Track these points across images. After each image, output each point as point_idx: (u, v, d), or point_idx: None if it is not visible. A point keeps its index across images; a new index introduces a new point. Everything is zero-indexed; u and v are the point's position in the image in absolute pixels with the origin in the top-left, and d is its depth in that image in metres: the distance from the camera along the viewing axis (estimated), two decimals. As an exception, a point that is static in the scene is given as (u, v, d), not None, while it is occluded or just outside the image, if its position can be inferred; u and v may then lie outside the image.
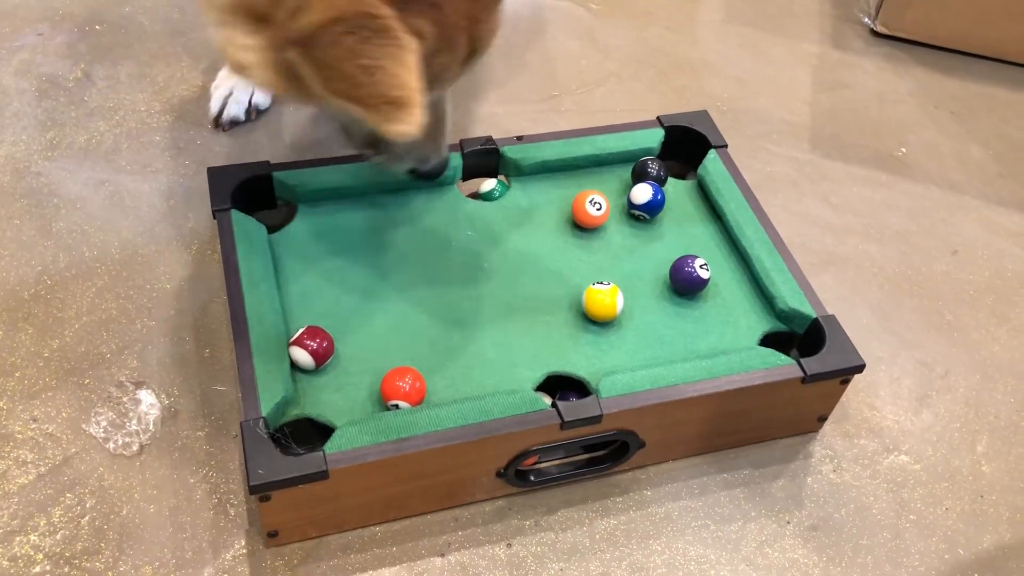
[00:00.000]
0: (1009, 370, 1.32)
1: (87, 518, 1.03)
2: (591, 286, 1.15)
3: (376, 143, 1.10)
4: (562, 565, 1.05)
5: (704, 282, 1.18)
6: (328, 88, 0.82)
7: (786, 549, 1.10)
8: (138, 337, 1.19)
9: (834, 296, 1.38)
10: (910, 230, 1.50)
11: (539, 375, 1.10)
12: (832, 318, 1.15)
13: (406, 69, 0.80)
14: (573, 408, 1.02)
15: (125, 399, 1.13)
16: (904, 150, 1.64)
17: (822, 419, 1.20)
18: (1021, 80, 1.81)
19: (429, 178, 1.19)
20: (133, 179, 1.38)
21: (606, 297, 1.13)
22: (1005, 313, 1.40)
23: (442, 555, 1.05)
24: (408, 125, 0.80)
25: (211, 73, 1.56)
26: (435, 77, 0.93)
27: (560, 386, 1.11)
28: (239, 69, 0.89)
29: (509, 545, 1.06)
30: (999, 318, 1.39)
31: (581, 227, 1.27)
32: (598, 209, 1.24)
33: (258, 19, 0.84)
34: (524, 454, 1.04)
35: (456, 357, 1.11)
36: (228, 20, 0.86)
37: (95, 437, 1.10)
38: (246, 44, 0.86)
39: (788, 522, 1.12)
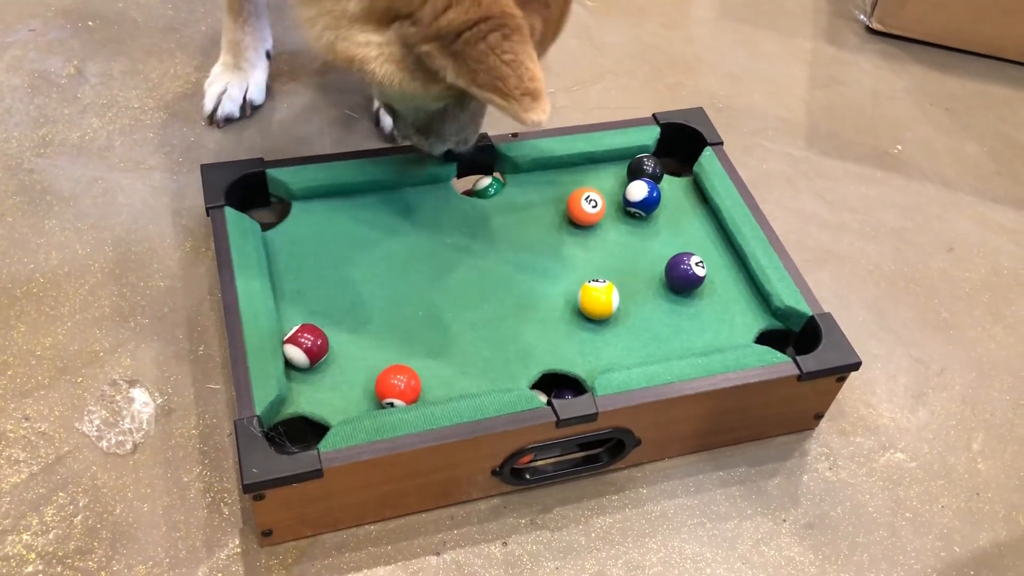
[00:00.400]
0: (1005, 367, 1.32)
1: (80, 517, 1.02)
2: (587, 284, 1.14)
3: (427, 128, 1.16)
4: (558, 564, 1.05)
5: (700, 279, 1.18)
6: (474, 80, 0.90)
7: (782, 547, 1.09)
8: (131, 335, 1.19)
9: (830, 293, 1.37)
10: (905, 227, 1.50)
11: (534, 373, 1.09)
12: (828, 316, 1.15)
13: (534, 62, 0.90)
14: (569, 406, 1.02)
15: (118, 397, 1.13)
16: (900, 147, 1.64)
17: (818, 417, 1.20)
18: (1017, 77, 1.81)
19: (458, 157, 1.25)
20: (126, 176, 1.38)
21: (602, 295, 1.13)
22: (1001, 310, 1.40)
23: (437, 554, 1.04)
24: (542, 114, 0.89)
25: (204, 70, 1.55)
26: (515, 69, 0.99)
27: (556, 384, 1.11)
28: (349, 62, 0.98)
29: (505, 544, 1.06)
30: (995, 315, 1.39)
31: (577, 224, 1.26)
32: (594, 207, 1.24)
33: (390, 19, 0.94)
34: (519, 452, 1.03)
35: (451, 355, 1.10)
36: (348, 23, 0.96)
37: (88, 436, 1.09)
38: (368, 41, 0.96)
39: (784, 520, 1.12)
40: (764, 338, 1.17)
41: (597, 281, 1.14)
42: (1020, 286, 1.44)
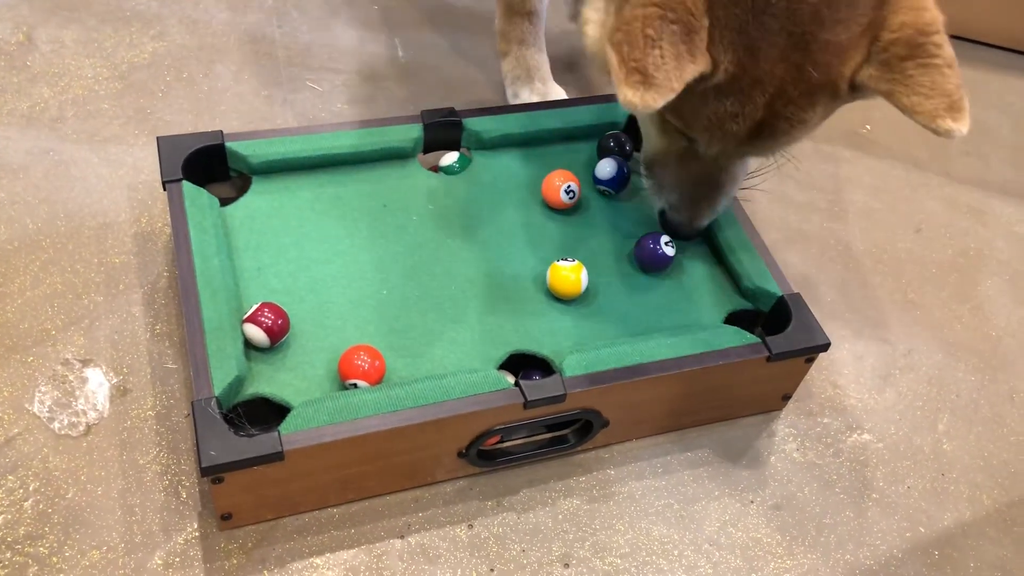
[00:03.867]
0: (970, 349, 1.33)
1: (30, 501, 0.99)
2: (555, 263, 1.12)
3: (651, 166, 1.11)
4: (524, 546, 1.03)
5: (669, 259, 1.16)
6: (610, 36, 0.85)
7: (749, 528, 1.09)
8: (85, 313, 1.15)
9: (798, 273, 1.37)
10: (874, 207, 1.50)
11: (502, 353, 1.07)
12: (797, 296, 1.14)
13: (678, 65, 0.83)
14: (536, 387, 1.00)
15: (71, 377, 1.09)
16: (868, 127, 1.64)
17: (786, 398, 1.19)
18: (983, 59, 1.81)
19: (677, 234, 1.16)
20: (79, 148, 1.33)
21: (571, 274, 1.11)
22: (967, 292, 1.41)
23: (402, 537, 1.02)
24: (640, 100, 0.82)
25: (161, 39, 1.50)
26: (716, 121, 0.94)
27: (523, 365, 1.09)
28: (583, 22, 0.98)
29: (470, 526, 1.04)
30: (961, 297, 1.40)
31: (548, 207, 1.24)
32: (571, 198, 1.22)
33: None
34: (486, 434, 1.01)
35: (416, 335, 1.08)
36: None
37: (39, 417, 1.05)
38: (598, 6, 0.95)
39: (751, 501, 1.11)
40: (733, 318, 1.16)
41: (566, 260, 1.12)
42: (986, 267, 1.45)
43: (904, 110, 0.88)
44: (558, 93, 1.48)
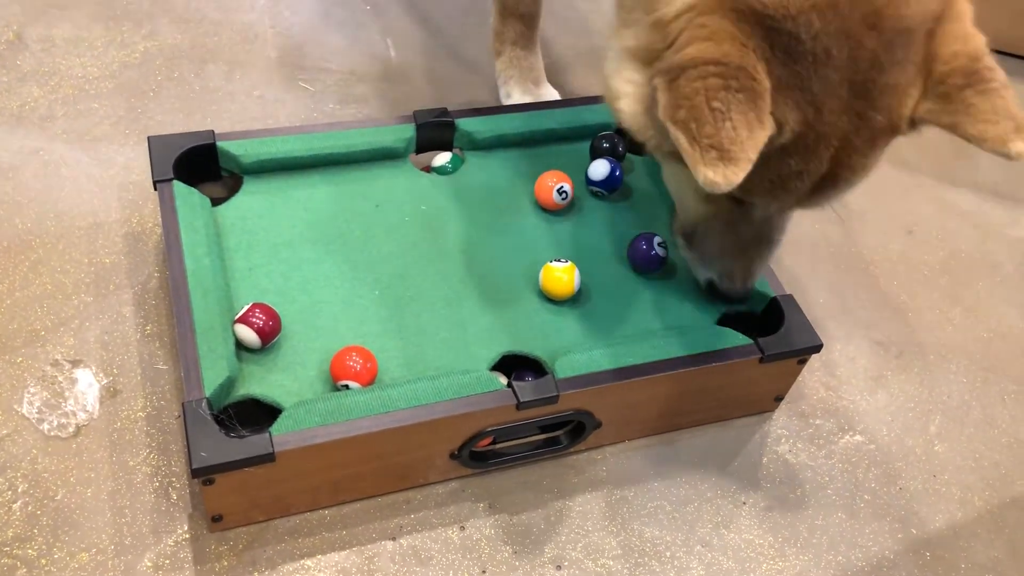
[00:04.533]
0: (962, 350, 1.33)
1: (19, 503, 0.98)
2: (548, 264, 1.12)
3: (692, 235, 1.08)
4: (516, 548, 1.03)
5: (662, 260, 1.16)
6: (672, 115, 0.82)
7: (742, 530, 1.09)
8: (75, 313, 1.14)
9: (790, 275, 1.37)
10: (866, 209, 1.50)
11: (495, 354, 1.07)
12: (790, 297, 1.14)
13: (750, 135, 0.80)
14: (529, 388, 1.00)
15: (61, 378, 1.08)
16: (861, 129, 1.64)
17: (778, 399, 1.19)
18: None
19: (727, 299, 1.13)
20: (70, 148, 1.32)
21: (563, 275, 1.11)
22: (958, 294, 1.41)
23: (393, 538, 1.02)
24: (723, 178, 0.78)
25: (152, 38, 1.49)
26: (779, 181, 0.90)
27: (516, 366, 1.09)
28: (613, 97, 0.95)
29: (462, 528, 1.04)
30: (952, 298, 1.40)
31: (541, 207, 1.24)
32: (564, 199, 1.22)
33: (649, 60, 0.89)
34: (478, 435, 1.01)
35: (409, 336, 1.07)
36: (624, 57, 0.93)
37: (28, 418, 1.04)
38: (631, 79, 0.92)
39: (744, 503, 1.11)
40: (726, 319, 1.16)
41: (559, 261, 1.12)
42: (978, 269, 1.45)
43: (972, 140, 0.86)
44: (551, 95, 1.47)
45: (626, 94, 0.93)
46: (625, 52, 0.93)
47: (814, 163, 0.89)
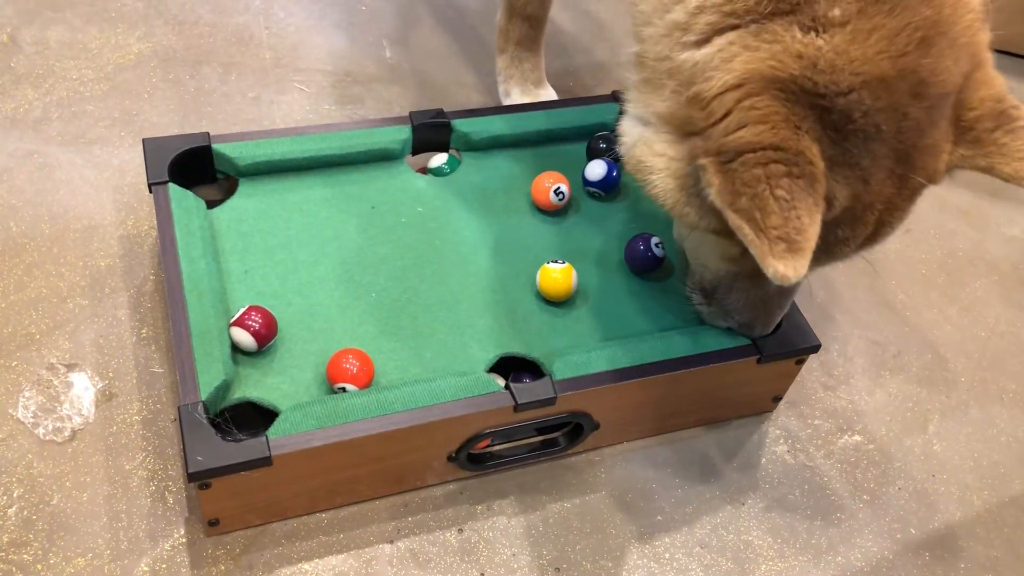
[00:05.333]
0: (960, 349, 1.33)
1: (14, 508, 0.98)
2: (545, 265, 1.12)
3: (712, 291, 1.06)
4: (515, 550, 1.03)
5: (659, 261, 1.16)
6: (731, 202, 0.80)
7: (741, 531, 1.08)
8: (70, 317, 1.13)
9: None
10: (863, 209, 1.50)
11: (492, 356, 1.07)
12: (788, 297, 1.13)
13: (812, 222, 0.79)
14: (527, 390, 0.99)
15: (56, 382, 1.08)
16: (857, 128, 1.64)
17: (777, 399, 1.19)
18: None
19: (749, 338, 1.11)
20: (64, 150, 1.32)
21: (561, 276, 1.10)
22: (956, 293, 1.41)
23: (391, 541, 1.01)
24: (793, 271, 0.77)
25: (146, 40, 1.49)
26: (825, 249, 0.89)
27: (513, 367, 1.08)
28: (638, 167, 0.91)
29: (460, 530, 1.03)
30: (950, 297, 1.40)
31: (538, 208, 1.23)
32: (561, 199, 1.21)
33: (687, 132, 0.86)
34: (476, 437, 1.01)
35: (405, 338, 1.07)
36: (653, 125, 0.90)
37: (23, 422, 1.04)
38: (664, 152, 0.89)
39: (743, 503, 1.11)
40: (724, 320, 1.16)
41: (556, 262, 1.11)
42: (975, 268, 1.45)
43: (1009, 179, 0.87)
44: (550, 97, 1.47)
45: (659, 169, 0.90)
46: (655, 119, 0.90)
47: (860, 229, 0.89)
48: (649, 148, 0.90)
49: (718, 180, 0.81)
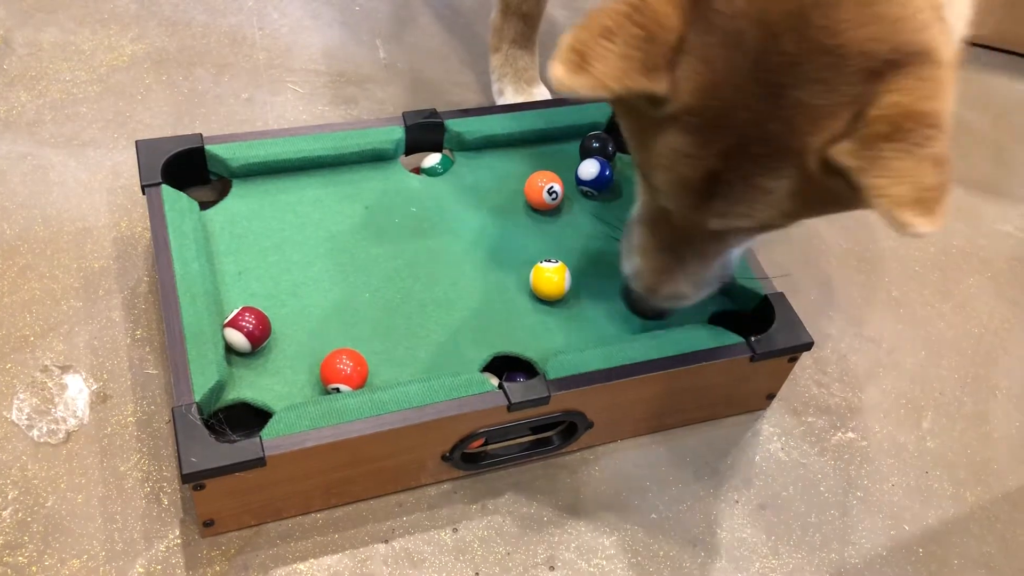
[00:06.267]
0: (953, 346, 1.33)
1: (9, 510, 0.98)
2: (539, 264, 1.12)
3: (631, 224, 1.02)
4: (509, 549, 1.03)
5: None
6: (573, 27, 0.78)
7: (735, 528, 1.09)
8: (64, 319, 1.13)
9: (781, 272, 1.37)
10: (856, 206, 1.50)
11: (485, 356, 1.07)
12: (781, 295, 1.14)
13: (623, 68, 0.77)
14: (520, 389, 0.99)
15: (50, 384, 1.08)
16: (851, 126, 1.64)
17: (770, 397, 1.19)
18: (966, 57, 1.81)
19: (637, 310, 1.07)
20: (57, 152, 1.32)
21: (554, 275, 1.11)
22: (950, 289, 1.41)
23: (386, 541, 1.02)
24: (563, 75, 0.76)
25: (139, 41, 1.49)
26: (667, 159, 0.86)
27: (507, 367, 1.09)
28: None
29: (455, 530, 1.04)
30: (944, 294, 1.40)
31: (532, 208, 1.24)
32: (554, 199, 1.21)
33: None
34: (470, 437, 1.01)
35: (399, 338, 1.07)
36: None
37: (17, 424, 1.04)
38: None
39: (737, 501, 1.11)
40: (717, 318, 1.16)
41: (549, 261, 1.12)
42: (968, 265, 1.45)
43: (865, 191, 0.75)
44: (543, 95, 1.47)
45: None
46: None
47: (704, 151, 0.83)
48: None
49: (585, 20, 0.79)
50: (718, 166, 0.83)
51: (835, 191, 0.81)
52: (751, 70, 0.78)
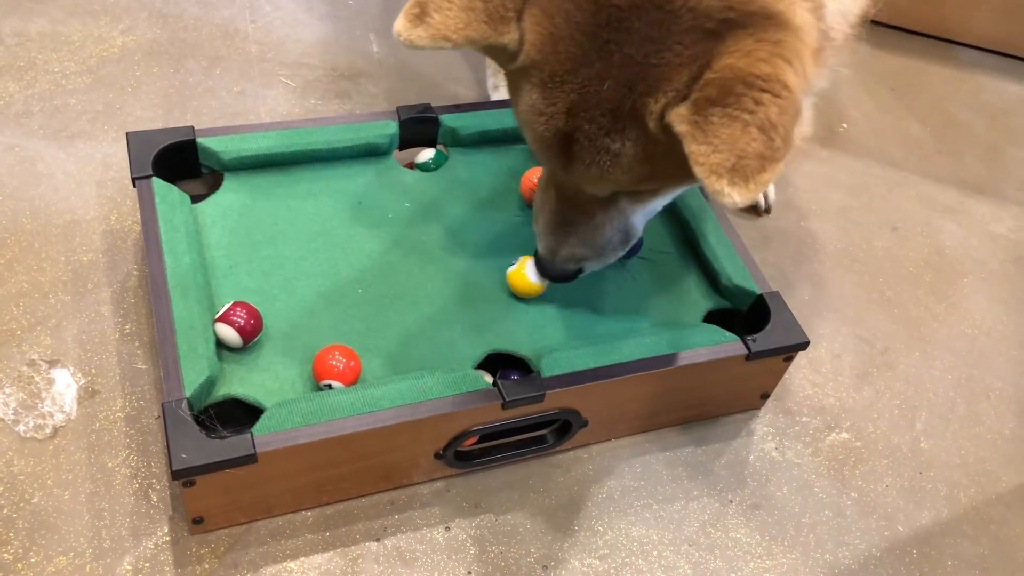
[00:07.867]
0: (947, 347, 1.33)
1: (-6, 506, 0.96)
2: (507, 271, 1.10)
3: (538, 186, 1.01)
4: (502, 548, 1.02)
5: (638, 247, 1.15)
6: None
7: (729, 528, 1.08)
8: (52, 312, 1.12)
9: (776, 272, 1.36)
10: (851, 206, 1.50)
11: (480, 353, 1.06)
12: (776, 294, 1.13)
13: (464, 19, 0.78)
14: (515, 387, 0.98)
15: (37, 378, 1.06)
16: (846, 125, 1.64)
17: (765, 396, 1.19)
18: (957, 57, 1.82)
19: (544, 270, 1.05)
20: (46, 144, 1.30)
21: (521, 270, 1.09)
22: (943, 290, 1.41)
23: (377, 540, 1.01)
24: (402, 28, 0.77)
25: (130, 33, 1.47)
26: (526, 116, 0.86)
27: (502, 364, 1.08)
28: None
29: (447, 528, 1.03)
30: (937, 295, 1.40)
31: (527, 204, 1.23)
32: None
33: None
34: (464, 435, 1.00)
35: (393, 334, 1.06)
36: None
37: (3, 419, 1.02)
38: None
39: (731, 501, 1.11)
40: (712, 317, 1.15)
41: (512, 264, 1.10)
42: (962, 266, 1.45)
43: (688, 156, 0.73)
44: None
45: None
46: None
47: (552, 108, 0.81)
48: None
49: None
50: (567, 126, 0.81)
51: (685, 156, 0.76)
52: (587, 23, 0.76)
